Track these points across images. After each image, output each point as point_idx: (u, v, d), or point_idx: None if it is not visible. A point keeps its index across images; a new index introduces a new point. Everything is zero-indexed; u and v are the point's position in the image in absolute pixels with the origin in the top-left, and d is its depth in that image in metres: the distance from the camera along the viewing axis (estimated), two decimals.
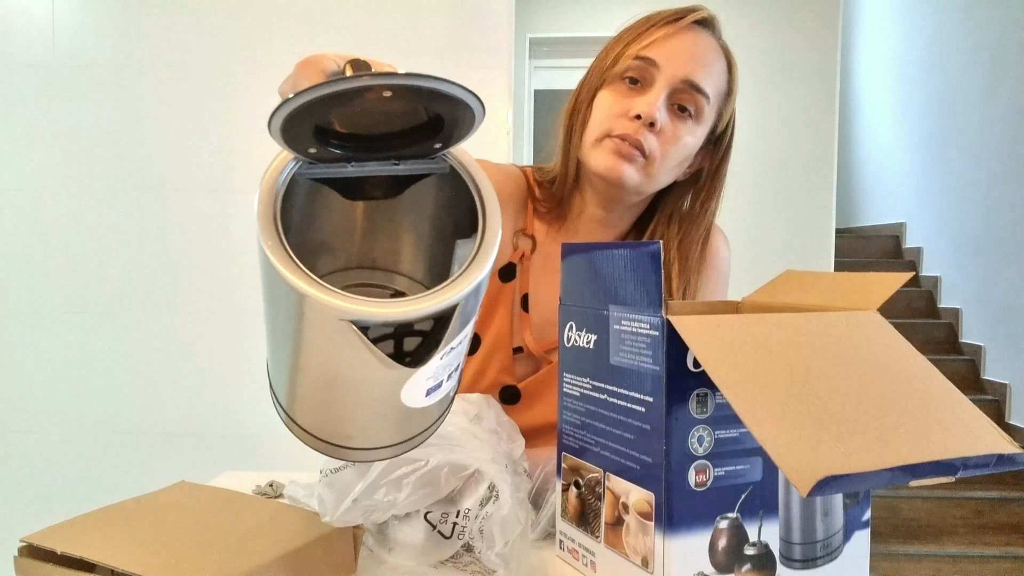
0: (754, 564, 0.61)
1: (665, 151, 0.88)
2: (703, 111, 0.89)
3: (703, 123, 0.90)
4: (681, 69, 0.87)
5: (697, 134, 0.90)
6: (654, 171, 0.89)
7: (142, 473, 2.02)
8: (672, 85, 0.87)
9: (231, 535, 0.66)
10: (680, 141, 0.89)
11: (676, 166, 0.91)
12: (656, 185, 0.92)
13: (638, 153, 0.88)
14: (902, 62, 5.09)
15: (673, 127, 0.88)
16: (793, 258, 4.00)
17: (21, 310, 2.03)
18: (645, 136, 0.87)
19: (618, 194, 0.93)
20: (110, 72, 1.99)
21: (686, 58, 0.87)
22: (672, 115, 0.88)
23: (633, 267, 0.63)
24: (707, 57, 0.89)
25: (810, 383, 0.55)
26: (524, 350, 0.95)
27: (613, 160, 0.88)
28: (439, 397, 0.53)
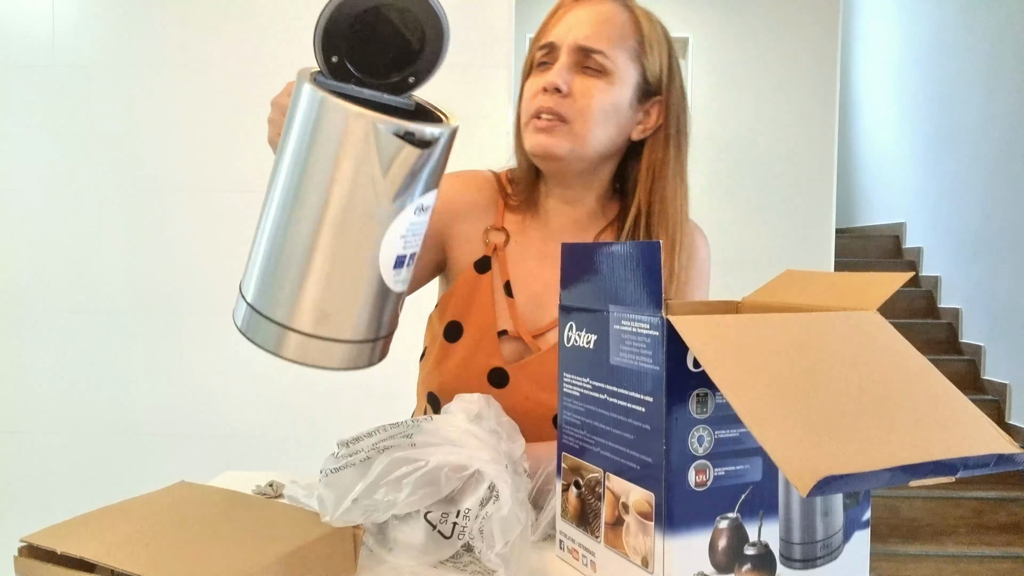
0: (754, 564, 0.61)
1: (583, 109, 0.92)
2: (608, 68, 0.93)
3: (617, 78, 0.94)
4: (569, 38, 0.93)
5: (615, 90, 0.94)
6: (580, 130, 0.93)
7: (142, 473, 2.02)
8: (569, 55, 0.93)
9: (231, 535, 0.66)
10: (595, 97, 0.92)
11: (605, 119, 0.94)
12: (592, 145, 0.95)
13: (557, 120, 0.92)
14: (902, 62, 5.09)
15: (584, 86, 0.92)
16: (793, 258, 4.01)
17: (21, 310, 2.03)
18: (558, 103, 0.92)
19: (561, 167, 0.97)
20: (110, 72, 1.99)
21: (572, 28, 0.93)
22: (580, 75, 0.93)
23: (633, 267, 0.63)
24: (597, 18, 0.93)
25: (810, 383, 0.55)
26: (509, 333, 0.98)
27: (537, 137, 0.93)
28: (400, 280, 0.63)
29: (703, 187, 4.24)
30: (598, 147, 0.96)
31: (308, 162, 0.59)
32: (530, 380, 0.96)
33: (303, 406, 2.00)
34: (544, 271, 1.00)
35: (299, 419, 2.02)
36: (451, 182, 1.02)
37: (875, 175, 5.45)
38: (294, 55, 1.96)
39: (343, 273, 0.61)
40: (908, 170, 4.95)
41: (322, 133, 0.58)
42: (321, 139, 0.58)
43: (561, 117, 0.92)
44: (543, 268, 1.00)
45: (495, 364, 0.97)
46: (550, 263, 1.00)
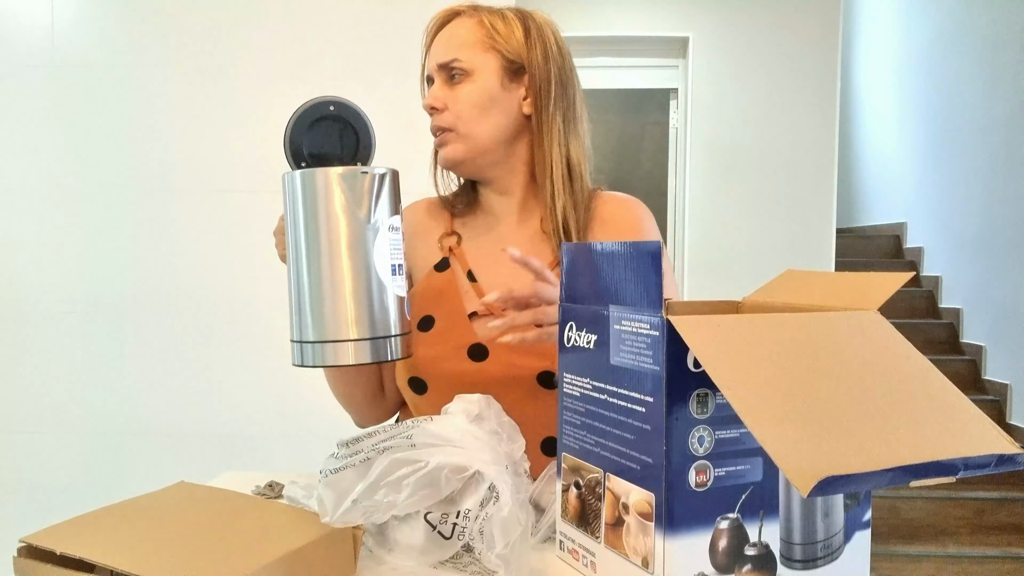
0: (755, 564, 0.61)
1: (458, 112, 1.02)
2: (467, 68, 1.02)
3: (477, 71, 1.02)
4: (433, 64, 1.05)
5: (479, 80, 1.02)
6: (465, 131, 1.02)
7: (142, 473, 2.02)
8: (438, 75, 1.04)
9: (231, 535, 0.66)
10: (462, 98, 1.02)
11: (482, 114, 1.02)
12: (482, 138, 1.03)
13: (445, 132, 1.03)
14: (902, 62, 5.09)
15: (453, 95, 1.02)
16: (793, 258, 4.00)
17: (21, 310, 2.03)
18: (440, 118, 1.03)
19: (472, 168, 1.06)
20: (110, 72, 1.99)
21: (433, 55, 1.05)
22: (448, 88, 1.03)
23: (633, 267, 0.63)
24: (446, 38, 1.04)
25: (811, 383, 0.55)
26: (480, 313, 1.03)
27: (440, 153, 1.06)
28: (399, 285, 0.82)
29: (703, 187, 4.24)
30: (490, 138, 1.03)
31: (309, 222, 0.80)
32: (509, 349, 0.98)
33: (303, 406, 2.00)
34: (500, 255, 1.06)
35: (299, 419, 2.02)
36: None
37: (875, 175, 5.45)
38: (294, 55, 1.96)
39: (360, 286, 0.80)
40: (908, 170, 4.95)
41: (309, 196, 0.80)
42: (310, 200, 0.80)
43: (446, 128, 1.03)
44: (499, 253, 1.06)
45: (471, 341, 1.00)
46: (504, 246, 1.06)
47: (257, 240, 1.94)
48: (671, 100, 4.71)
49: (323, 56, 1.97)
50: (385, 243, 0.80)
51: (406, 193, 0.88)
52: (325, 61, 1.97)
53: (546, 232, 1.05)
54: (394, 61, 1.96)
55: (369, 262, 0.80)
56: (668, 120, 4.77)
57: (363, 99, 2.16)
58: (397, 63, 1.95)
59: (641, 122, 5.10)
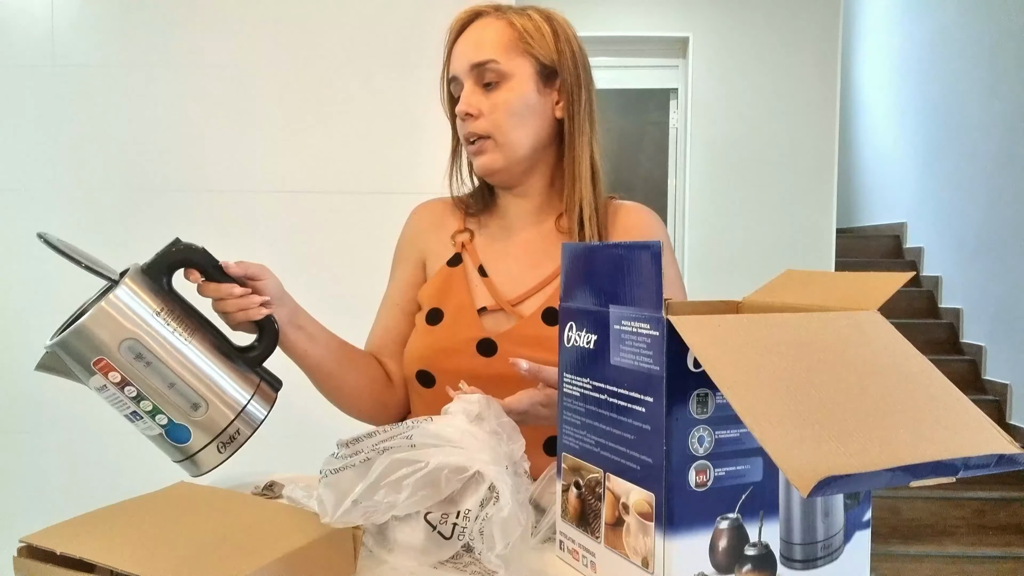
0: (755, 564, 0.61)
1: (496, 121, 1.01)
2: (504, 72, 1.00)
3: (514, 77, 1.01)
4: (464, 65, 1.02)
5: (515, 87, 1.01)
6: (503, 140, 1.01)
7: (142, 473, 2.01)
8: (468, 77, 1.01)
9: (231, 535, 0.66)
10: (501, 106, 1.00)
11: (520, 122, 1.01)
12: (521, 146, 1.02)
13: (482, 140, 1.01)
14: (902, 62, 5.09)
15: (489, 100, 1.01)
16: (793, 258, 4.00)
17: (21, 310, 2.03)
18: (474, 125, 1.01)
19: (504, 178, 1.05)
20: (110, 72, 1.99)
21: (462, 55, 1.02)
22: (485, 94, 1.01)
23: (633, 267, 0.63)
24: (477, 37, 1.02)
25: (811, 383, 0.55)
26: (489, 308, 1.03)
27: (476, 160, 1.04)
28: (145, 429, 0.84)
29: (703, 187, 4.24)
30: (528, 146, 1.03)
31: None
32: (517, 345, 0.98)
33: (303, 406, 2.00)
34: (512, 250, 1.07)
35: (299, 419, 2.02)
36: (415, 212, 1.17)
37: (875, 175, 5.45)
38: (294, 54, 1.96)
39: None
40: (908, 170, 4.95)
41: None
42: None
43: (482, 136, 1.01)
44: (511, 248, 1.07)
45: (480, 336, 1.01)
46: (517, 243, 1.08)
47: (257, 240, 1.94)
48: (671, 100, 4.71)
49: (324, 56, 1.97)
50: (108, 404, 0.82)
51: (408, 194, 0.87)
52: (326, 61, 1.97)
53: (561, 231, 1.05)
54: (395, 61, 1.96)
55: None
56: (668, 120, 4.77)
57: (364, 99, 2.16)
58: (397, 63, 1.95)
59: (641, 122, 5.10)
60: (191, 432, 0.83)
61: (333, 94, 1.95)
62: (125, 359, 0.80)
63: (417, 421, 0.70)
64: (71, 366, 0.80)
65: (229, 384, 0.85)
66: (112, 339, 0.79)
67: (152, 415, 0.81)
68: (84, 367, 0.79)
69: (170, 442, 0.83)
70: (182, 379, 0.82)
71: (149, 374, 0.80)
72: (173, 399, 0.81)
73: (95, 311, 0.80)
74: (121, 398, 0.81)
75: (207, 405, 0.83)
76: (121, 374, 0.80)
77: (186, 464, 0.85)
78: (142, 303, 0.82)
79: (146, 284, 0.84)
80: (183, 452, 0.84)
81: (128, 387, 0.80)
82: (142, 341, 0.80)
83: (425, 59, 1.91)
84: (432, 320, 1.04)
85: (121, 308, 0.81)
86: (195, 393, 0.82)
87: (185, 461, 0.85)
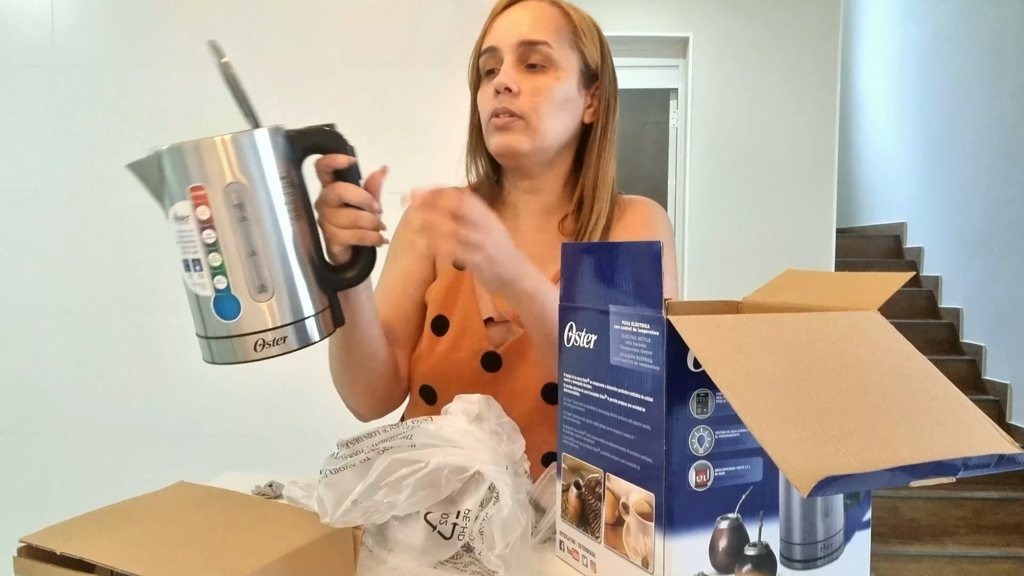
0: (755, 564, 0.61)
1: (535, 104, 0.96)
2: (552, 58, 0.97)
3: (561, 68, 0.98)
4: (512, 37, 0.97)
5: (562, 77, 0.98)
6: (536, 126, 0.97)
7: (142, 473, 2.02)
8: (512, 53, 0.97)
9: (231, 535, 0.66)
10: (544, 91, 0.97)
11: (556, 112, 0.98)
12: (549, 137, 0.99)
13: (513, 119, 0.96)
14: (902, 62, 5.09)
15: (532, 82, 0.97)
16: (793, 258, 4.00)
17: (21, 310, 2.03)
18: (510, 101, 0.96)
19: (523, 162, 1.01)
20: (110, 72, 1.99)
21: (512, 27, 0.98)
22: (527, 74, 0.97)
23: (633, 267, 0.63)
24: (530, 15, 0.98)
25: (811, 383, 0.55)
26: (496, 319, 1.01)
27: (498, 137, 0.98)
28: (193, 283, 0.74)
29: (703, 187, 4.24)
30: (556, 138, 1.00)
31: None
32: (521, 359, 0.97)
33: (303, 406, 2.00)
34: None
35: (299, 419, 2.02)
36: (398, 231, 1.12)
37: (875, 175, 5.45)
38: (295, 55, 1.96)
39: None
40: (908, 170, 4.95)
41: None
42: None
43: (516, 114, 0.96)
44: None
45: (485, 349, 0.99)
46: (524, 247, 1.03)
47: None
48: (671, 100, 4.71)
49: (324, 55, 1.97)
50: (174, 237, 0.73)
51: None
52: (326, 60, 1.97)
53: (565, 234, 1.04)
54: (395, 61, 1.96)
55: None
56: (668, 120, 4.77)
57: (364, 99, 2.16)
58: (398, 63, 1.95)
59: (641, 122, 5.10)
60: (241, 312, 0.73)
61: (333, 94, 1.95)
62: (225, 201, 0.71)
63: (417, 421, 0.70)
64: (167, 180, 0.71)
65: (304, 288, 0.75)
66: (224, 173, 0.71)
67: (213, 273, 0.72)
68: (180, 187, 0.71)
69: (213, 311, 0.73)
70: (266, 254, 0.73)
71: (238, 229, 0.71)
72: (245, 268, 0.72)
73: (225, 138, 0.72)
74: (195, 239, 0.72)
75: (274, 294, 0.73)
76: (211, 213, 0.71)
77: (210, 344, 0.75)
78: (271, 159, 0.74)
79: (283, 147, 0.75)
80: (218, 328, 0.73)
81: (209, 231, 0.71)
82: (252, 194, 0.72)
83: (425, 59, 1.91)
84: (438, 329, 1.02)
85: (249, 150, 0.73)
86: (270, 275, 0.73)
87: (212, 341, 0.75)
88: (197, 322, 0.75)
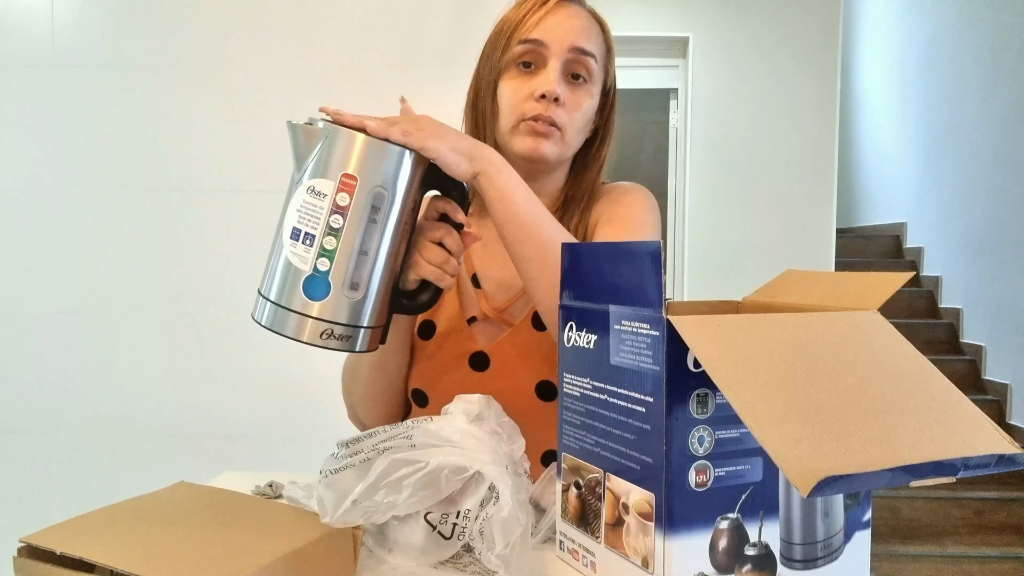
0: (755, 564, 0.61)
1: (572, 119, 0.97)
2: (593, 73, 0.98)
3: (595, 84, 1.00)
4: (566, 40, 0.95)
5: (593, 95, 1.00)
6: (567, 139, 0.98)
7: (142, 473, 2.02)
8: (563, 57, 0.95)
9: (231, 535, 0.66)
10: (582, 107, 0.98)
11: (582, 128, 1.01)
12: (572, 149, 1.01)
13: (552, 128, 0.96)
14: (902, 62, 5.09)
15: (574, 96, 0.97)
16: (793, 258, 4.00)
17: (21, 310, 2.03)
18: (555, 111, 0.95)
19: (541, 168, 1.01)
20: (110, 72, 1.99)
21: (567, 30, 0.96)
22: (569, 85, 0.97)
23: (633, 267, 0.63)
24: (583, 24, 0.98)
25: (811, 383, 0.55)
26: (479, 318, 1.01)
27: (533, 141, 0.96)
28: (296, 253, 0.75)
29: (703, 187, 4.24)
30: (574, 151, 1.02)
31: None
32: (510, 355, 0.97)
33: (303, 406, 2.00)
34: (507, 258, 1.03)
35: (299, 419, 2.02)
36: None
37: (875, 175, 5.45)
38: (295, 54, 1.96)
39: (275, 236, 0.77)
40: (908, 170, 4.95)
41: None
42: None
43: (556, 125, 0.96)
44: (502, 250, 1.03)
45: (472, 349, 0.99)
46: None
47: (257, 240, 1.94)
48: (671, 100, 4.71)
49: (324, 55, 1.97)
50: (298, 203, 0.75)
51: None
52: (326, 60, 1.97)
53: None
54: (395, 61, 1.95)
55: (281, 220, 0.76)
56: (668, 120, 4.77)
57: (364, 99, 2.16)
58: (398, 63, 1.95)
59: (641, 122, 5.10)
60: (327, 295, 0.76)
61: (333, 94, 1.95)
62: (366, 199, 0.75)
63: (417, 421, 0.70)
64: (325, 154, 0.75)
65: (378, 301, 0.80)
66: (378, 176, 0.76)
67: (321, 254, 0.75)
68: (334, 168, 0.75)
69: (301, 285, 0.75)
70: (372, 258, 0.77)
71: (362, 227, 0.76)
72: (351, 263, 0.76)
73: (394, 147, 0.77)
74: (321, 216, 0.75)
75: (363, 297, 0.78)
76: (351, 201, 0.75)
77: (275, 310, 0.77)
78: (410, 180, 0.79)
79: (422, 174, 0.81)
80: (294, 301, 0.76)
81: (338, 216, 0.75)
82: (389, 203, 0.77)
83: (425, 59, 1.91)
84: (424, 334, 1.02)
85: (403, 165, 0.78)
86: (366, 278, 0.77)
87: (279, 308, 0.77)
88: (273, 286, 0.77)
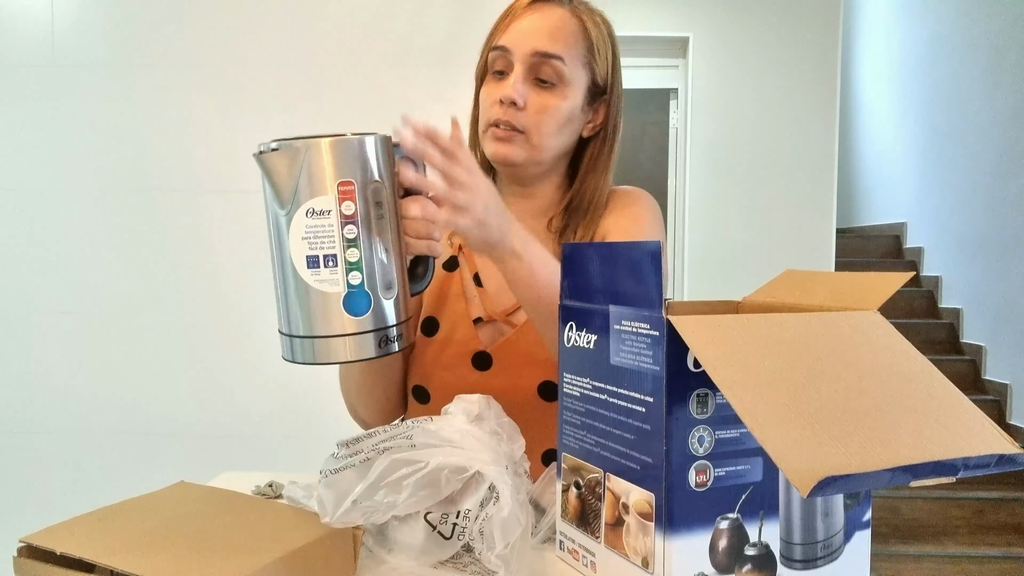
0: (755, 564, 0.61)
1: (538, 122, 0.95)
2: (564, 74, 0.95)
3: (571, 85, 0.97)
4: (527, 45, 0.95)
5: (569, 96, 0.97)
6: (536, 142, 0.96)
7: (142, 473, 2.02)
8: (525, 62, 0.95)
9: (231, 535, 0.66)
10: (550, 109, 0.96)
11: (559, 130, 0.98)
12: (547, 151, 0.99)
13: (513, 132, 0.95)
14: (902, 62, 5.09)
15: (539, 99, 0.95)
16: (793, 258, 4.00)
17: (21, 310, 2.03)
18: (514, 116, 0.95)
19: (517, 171, 1.01)
20: (110, 72, 1.99)
21: (530, 34, 0.95)
22: (536, 89, 0.96)
23: (633, 267, 0.63)
24: (552, 25, 0.96)
25: (811, 383, 0.55)
26: (484, 319, 1.01)
27: (495, 146, 0.97)
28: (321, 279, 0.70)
29: (703, 187, 4.24)
30: (553, 153, 1.00)
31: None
32: (512, 358, 0.97)
33: (303, 406, 2.00)
34: None
35: (299, 419, 2.02)
36: None
37: (875, 175, 5.45)
38: (294, 54, 1.96)
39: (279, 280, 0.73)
40: (908, 170, 4.95)
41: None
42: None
43: (517, 128, 0.95)
44: None
45: (476, 348, 0.99)
46: None
47: (257, 240, 1.94)
48: (671, 100, 4.72)
49: (324, 55, 1.97)
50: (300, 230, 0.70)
51: None
52: (326, 60, 1.97)
53: (551, 231, 1.04)
54: (395, 61, 1.95)
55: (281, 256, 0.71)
56: (668, 120, 4.78)
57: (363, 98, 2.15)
58: (398, 63, 1.95)
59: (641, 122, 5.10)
60: (371, 305, 0.71)
61: (333, 94, 1.95)
62: (368, 198, 0.70)
63: (417, 421, 0.70)
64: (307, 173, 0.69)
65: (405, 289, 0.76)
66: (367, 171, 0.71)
67: (349, 268, 0.70)
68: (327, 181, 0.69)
69: (343, 306, 0.71)
70: (395, 252, 0.73)
71: (375, 226, 0.71)
72: (379, 265, 0.71)
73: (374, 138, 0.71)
74: (334, 234, 0.69)
75: (398, 292, 0.73)
76: (356, 207, 0.69)
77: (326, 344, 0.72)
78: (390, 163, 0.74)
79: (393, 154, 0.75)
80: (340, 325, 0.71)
81: (351, 226, 0.70)
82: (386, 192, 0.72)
83: (426, 59, 1.91)
84: (428, 331, 1.02)
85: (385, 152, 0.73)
86: (395, 272, 0.73)
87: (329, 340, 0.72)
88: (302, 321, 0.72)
